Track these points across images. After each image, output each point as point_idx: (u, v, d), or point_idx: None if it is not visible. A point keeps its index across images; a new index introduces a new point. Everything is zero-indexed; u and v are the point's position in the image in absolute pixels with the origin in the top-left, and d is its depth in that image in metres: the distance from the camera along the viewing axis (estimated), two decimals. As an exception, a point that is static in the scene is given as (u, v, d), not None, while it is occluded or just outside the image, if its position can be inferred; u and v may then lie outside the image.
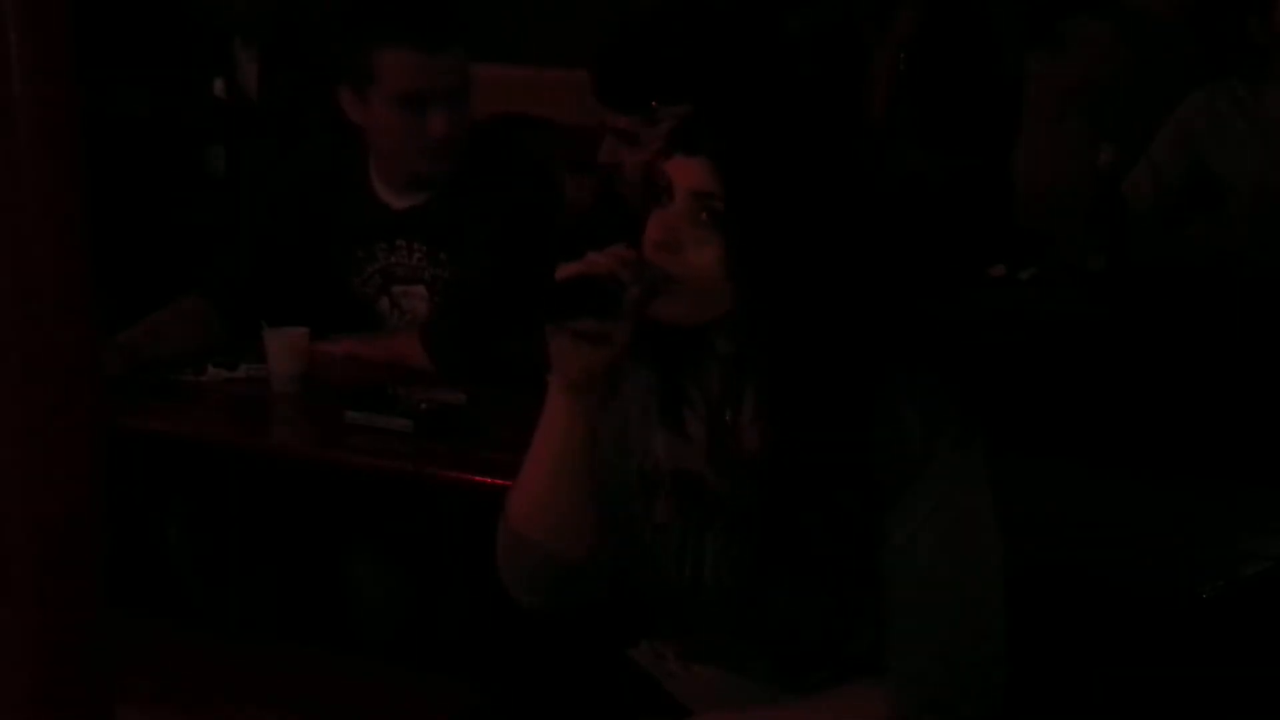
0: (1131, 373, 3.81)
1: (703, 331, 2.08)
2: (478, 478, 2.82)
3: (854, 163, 2.06)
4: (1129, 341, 3.85)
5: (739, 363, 2.07)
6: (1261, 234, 4.13)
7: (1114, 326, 3.88)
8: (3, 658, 1.28)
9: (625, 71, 3.15)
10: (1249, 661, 2.48)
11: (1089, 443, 3.56)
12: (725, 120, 2.08)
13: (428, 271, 3.44)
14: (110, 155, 5.26)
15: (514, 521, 2.14)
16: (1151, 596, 2.42)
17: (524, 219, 3.34)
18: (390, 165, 3.42)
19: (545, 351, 2.69)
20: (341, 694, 2.72)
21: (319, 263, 3.50)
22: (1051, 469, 2.80)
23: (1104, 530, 2.59)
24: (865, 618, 2.07)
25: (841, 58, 5.24)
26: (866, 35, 5.29)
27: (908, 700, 2.03)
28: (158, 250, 4.97)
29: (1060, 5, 4.85)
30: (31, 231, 1.23)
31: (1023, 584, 2.09)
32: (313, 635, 3.24)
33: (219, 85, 5.55)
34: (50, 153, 1.24)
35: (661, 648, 2.27)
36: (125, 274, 4.11)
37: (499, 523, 2.17)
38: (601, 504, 2.11)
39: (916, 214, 4.62)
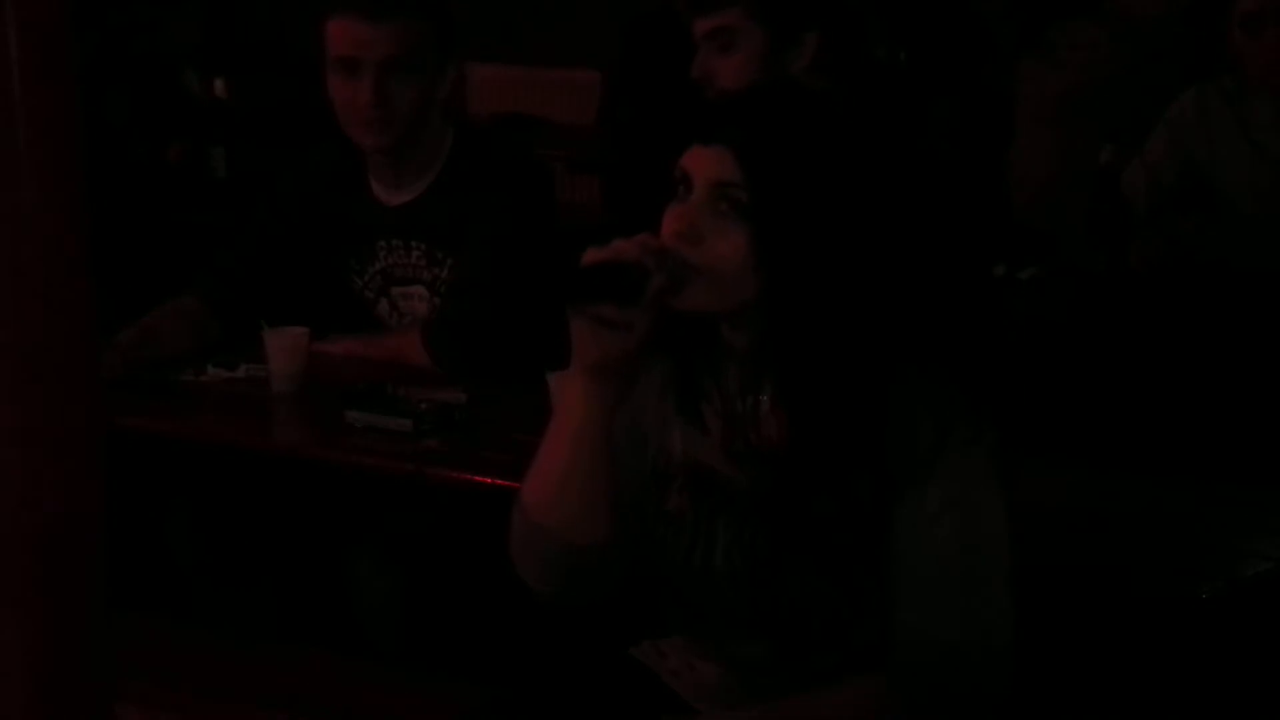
0: (1131, 372, 3.81)
1: (719, 327, 2.09)
2: (478, 478, 2.82)
3: (878, 151, 2.07)
4: (1129, 341, 3.85)
5: (756, 355, 2.08)
6: (1254, 232, 4.13)
7: (1113, 326, 3.88)
8: (3, 657, 1.28)
9: None
10: (1249, 662, 2.48)
11: (1089, 443, 3.57)
12: (746, 108, 2.10)
13: (427, 272, 3.44)
14: (110, 155, 5.27)
15: (529, 509, 2.14)
16: (1151, 597, 2.42)
17: (516, 216, 3.35)
18: (372, 163, 3.44)
19: (546, 347, 2.69)
20: (342, 694, 2.72)
21: (321, 264, 3.50)
22: (1051, 469, 2.80)
23: (1104, 530, 2.59)
24: (873, 606, 2.08)
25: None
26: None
27: (911, 690, 2.04)
28: (158, 250, 4.97)
29: (1057, 8, 4.85)
30: (31, 232, 1.23)
31: (1022, 584, 2.09)
32: (313, 635, 3.24)
33: (219, 85, 5.56)
34: (50, 153, 1.24)
35: (664, 646, 2.27)
36: (125, 274, 4.12)
37: (513, 512, 2.17)
38: (616, 492, 2.12)
39: (932, 210, 4.61)
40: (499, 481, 2.76)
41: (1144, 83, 4.60)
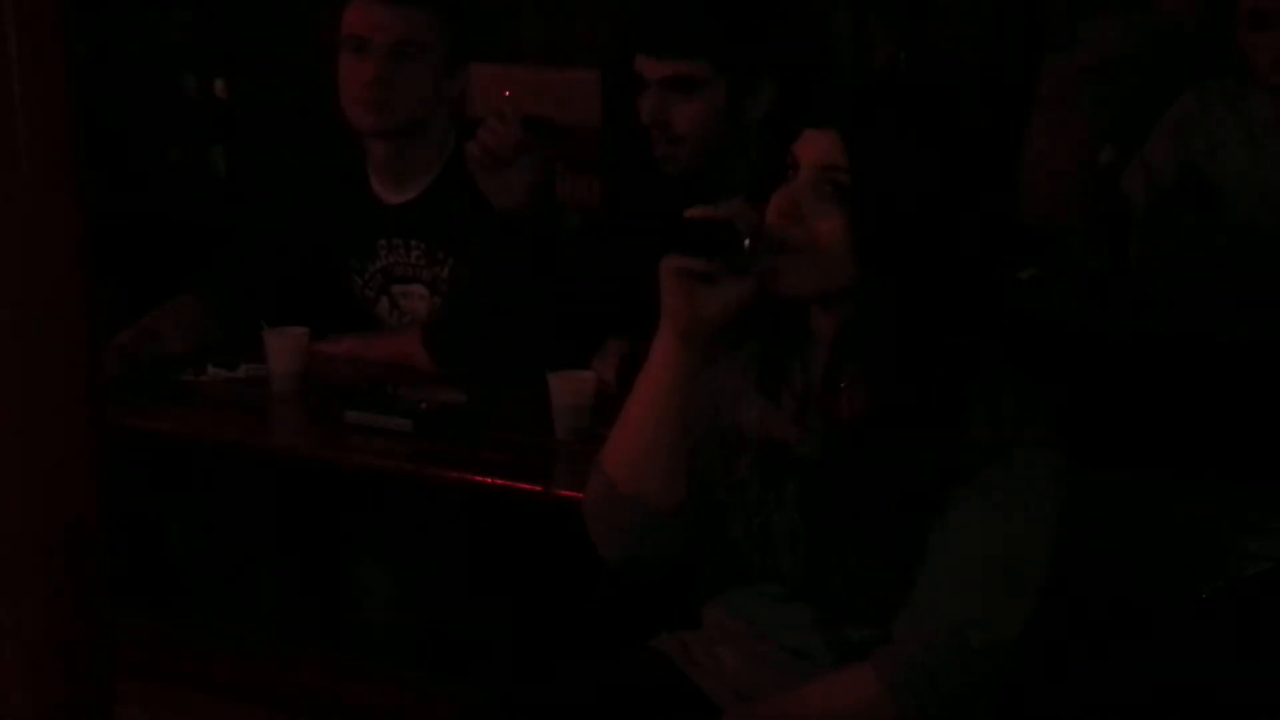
0: (1130, 373, 3.81)
1: (809, 313, 2.17)
2: (478, 478, 2.82)
3: (977, 141, 2.15)
4: (1127, 341, 3.85)
5: (843, 339, 2.14)
6: (1254, 232, 4.13)
7: (1112, 326, 3.88)
8: (4, 658, 1.28)
9: (686, 10, 3.11)
10: (1249, 662, 2.48)
11: (1088, 443, 3.56)
12: (857, 95, 2.19)
13: (427, 271, 3.45)
14: (110, 157, 5.27)
15: (612, 474, 2.20)
16: (1151, 597, 2.42)
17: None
18: (373, 161, 3.45)
19: (544, 350, 2.70)
20: (342, 694, 2.72)
21: (322, 263, 3.51)
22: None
23: (1104, 530, 2.59)
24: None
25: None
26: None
27: (902, 671, 2.08)
28: (158, 250, 4.97)
29: (1079, 7, 4.84)
30: (31, 232, 1.23)
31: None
32: (313, 635, 3.24)
33: (219, 86, 5.56)
34: (50, 153, 1.24)
35: (688, 638, 2.29)
36: (125, 274, 4.11)
37: (591, 480, 2.23)
38: (692, 459, 2.19)
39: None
40: (499, 481, 2.76)
41: (1153, 83, 4.58)
